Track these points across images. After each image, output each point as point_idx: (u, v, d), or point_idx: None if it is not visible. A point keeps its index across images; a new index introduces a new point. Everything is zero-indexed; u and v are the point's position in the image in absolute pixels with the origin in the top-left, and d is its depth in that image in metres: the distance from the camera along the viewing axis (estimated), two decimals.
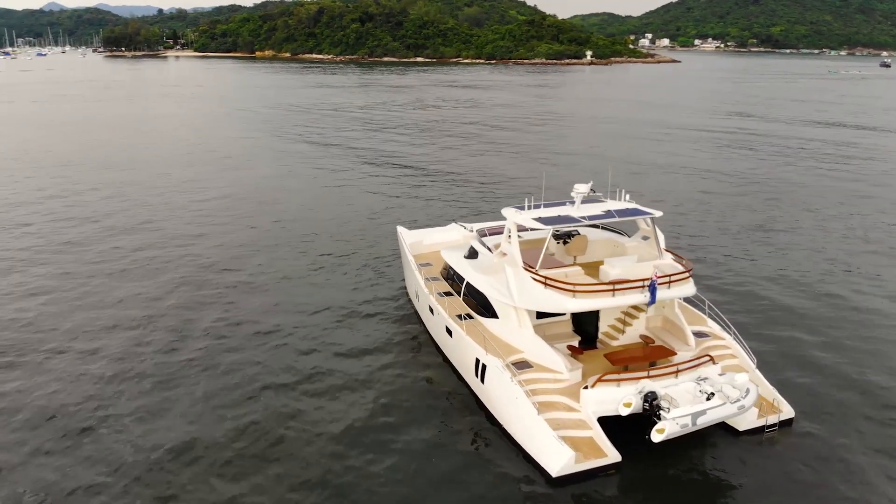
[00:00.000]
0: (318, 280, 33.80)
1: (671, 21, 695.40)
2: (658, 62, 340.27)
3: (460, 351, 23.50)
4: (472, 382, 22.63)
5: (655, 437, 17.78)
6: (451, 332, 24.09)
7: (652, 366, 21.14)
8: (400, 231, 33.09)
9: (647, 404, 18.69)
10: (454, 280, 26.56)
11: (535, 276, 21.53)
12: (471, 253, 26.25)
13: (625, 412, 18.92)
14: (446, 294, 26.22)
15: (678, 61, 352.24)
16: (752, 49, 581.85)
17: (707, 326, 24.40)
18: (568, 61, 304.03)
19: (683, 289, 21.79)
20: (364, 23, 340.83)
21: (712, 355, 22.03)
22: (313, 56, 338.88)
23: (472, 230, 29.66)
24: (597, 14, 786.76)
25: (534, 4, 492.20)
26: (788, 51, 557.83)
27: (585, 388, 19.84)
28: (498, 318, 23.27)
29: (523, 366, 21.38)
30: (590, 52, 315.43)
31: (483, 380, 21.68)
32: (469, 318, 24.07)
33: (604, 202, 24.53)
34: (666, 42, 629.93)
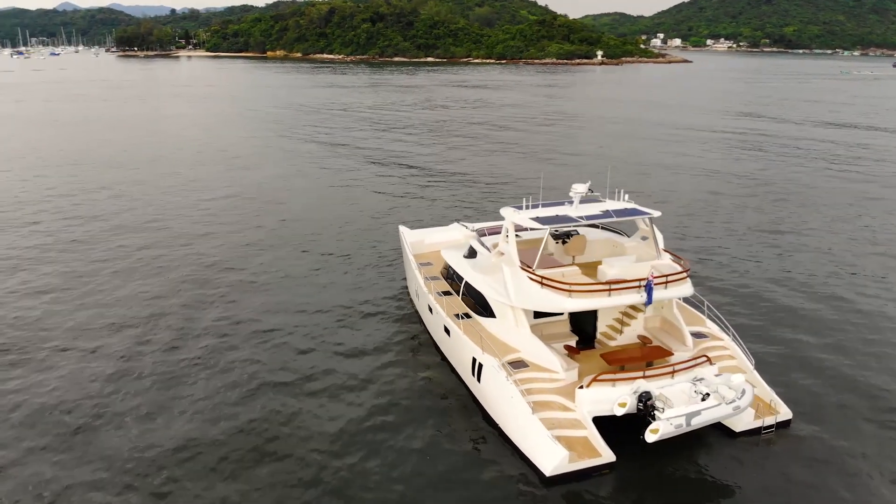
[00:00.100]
0: (320, 279, 33.93)
1: (683, 21, 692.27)
2: (669, 62, 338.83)
3: (458, 350, 23.55)
4: (469, 382, 22.67)
5: (649, 438, 17.78)
6: (448, 332, 24.14)
7: (649, 366, 21.12)
8: (401, 230, 33.17)
9: (642, 404, 18.69)
10: (453, 279, 26.62)
11: (532, 276, 21.55)
12: (470, 252, 26.31)
13: (620, 412, 18.91)
14: (445, 293, 26.29)
15: (689, 61, 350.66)
16: (765, 49, 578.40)
17: (706, 327, 24.33)
18: (578, 61, 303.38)
19: (681, 289, 21.72)
20: (375, 23, 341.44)
21: (710, 356, 22.00)
22: (324, 56, 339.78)
23: (473, 230, 29.70)
24: (608, 14, 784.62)
25: (545, 4, 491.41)
26: (801, 51, 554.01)
27: (581, 387, 19.84)
28: (495, 317, 23.31)
29: (519, 365, 21.41)
30: (600, 52, 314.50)
31: (479, 379, 21.72)
32: (467, 318, 24.12)
33: (602, 202, 24.50)
34: (678, 42, 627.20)
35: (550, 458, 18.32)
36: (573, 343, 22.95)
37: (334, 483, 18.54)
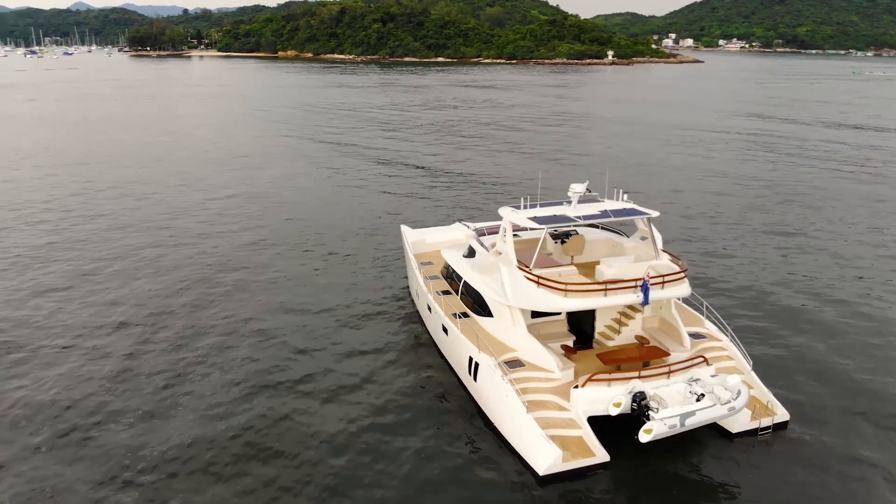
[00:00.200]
0: (322, 279, 34.05)
1: (695, 21, 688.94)
2: (680, 62, 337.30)
3: (455, 349, 23.61)
4: (466, 381, 22.73)
5: (643, 438, 17.77)
6: (446, 331, 24.21)
7: (645, 366, 21.10)
8: (403, 229, 33.26)
9: (636, 404, 18.67)
10: (453, 279, 26.67)
11: (529, 275, 21.57)
12: (469, 252, 26.37)
13: (614, 412, 18.90)
14: (445, 293, 26.35)
15: (701, 61, 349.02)
16: (778, 49, 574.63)
17: (704, 328, 24.27)
18: (589, 61, 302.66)
19: (678, 289, 21.68)
20: (386, 23, 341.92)
21: (708, 357, 21.97)
22: (335, 56, 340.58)
23: (473, 229, 29.72)
24: (620, 14, 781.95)
25: (556, 4, 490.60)
26: (814, 51, 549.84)
27: (576, 387, 19.85)
28: (493, 316, 23.35)
29: (516, 364, 21.43)
30: (611, 52, 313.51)
31: (476, 378, 21.77)
32: (465, 317, 24.17)
33: (601, 202, 24.48)
34: (689, 42, 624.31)
35: (544, 458, 18.35)
36: (570, 343, 22.94)
37: (331, 483, 18.59)
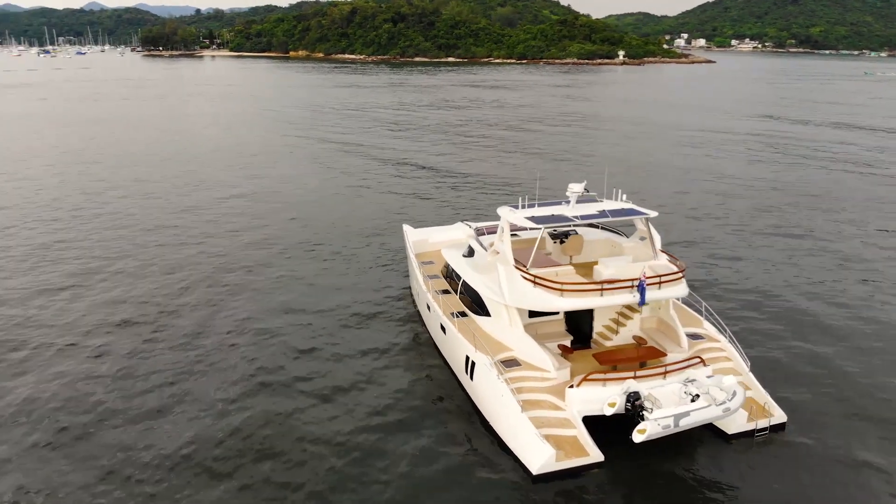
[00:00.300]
0: (325, 279, 34.09)
1: (707, 21, 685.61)
2: (692, 63, 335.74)
3: (453, 348, 23.67)
4: (464, 380, 22.77)
5: (637, 438, 17.74)
6: (445, 330, 24.26)
7: (642, 366, 21.07)
8: (405, 229, 33.34)
9: (630, 404, 18.65)
10: (452, 278, 26.73)
11: (525, 275, 21.59)
12: (469, 251, 26.43)
13: (609, 412, 18.90)
14: (444, 292, 26.40)
15: (713, 62, 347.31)
16: (791, 50, 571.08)
17: (703, 329, 24.22)
18: (600, 61, 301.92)
19: (675, 290, 21.63)
20: (396, 23, 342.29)
21: (706, 357, 21.95)
22: (346, 56, 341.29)
23: (473, 229, 29.76)
24: (632, 14, 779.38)
25: (567, 4, 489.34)
26: (828, 52, 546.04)
27: (571, 387, 19.85)
28: (490, 316, 23.37)
29: (512, 364, 21.46)
30: (622, 52, 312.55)
31: (472, 377, 21.81)
32: (463, 316, 24.21)
33: (599, 202, 24.46)
34: (702, 42, 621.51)
35: (537, 457, 18.37)
36: (568, 343, 22.95)
37: (328, 483, 18.63)
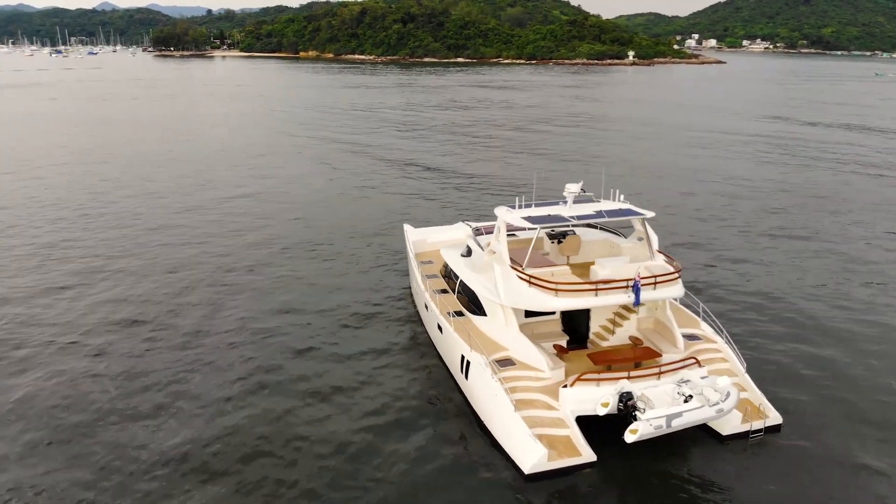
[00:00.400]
0: (327, 279, 34.13)
1: (719, 21, 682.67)
2: (702, 63, 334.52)
3: (449, 348, 23.75)
4: (459, 379, 22.85)
5: (628, 438, 17.75)
6: (441, 329, 24.33)
7: (637, 367, 21.07)
8: (406, 228, 33.44)
9: (622, 405, 18.66)
10: (450, 278, 26.79)
11: (521, 275, 21.63)
12: (467, 251, 26.49)
13: (602, 412, 18.91)
14: (443, 292, 26.47)
15: (723, 62, 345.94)
16: (802, 51, 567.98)
17: (700, 329, 24.18)
18: (609, 61, 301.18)
19: (670, 290, 21.60)
20: (406, 23, 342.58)
21: (702, 358, 21.94)
22: (355, 56, 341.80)
23: (471, 228, 29.81)
24: (642, 14, 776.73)
25: (578, 4, 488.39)
26: (840, 52, 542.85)
27: (565, 386, 19.88)
28: (486, 315, 23.42)
29: (507, 363, 21.50)
30: (632, 53, 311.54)
31: (467, 376, 21.87)
32: (460, 316, 24.26)
33: (596, 202, 24.47)
34: (713, 43, 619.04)
35: (529, 456, 18.41)
36: (564, 342, 22.96)
37: (322, 482, 18.70)
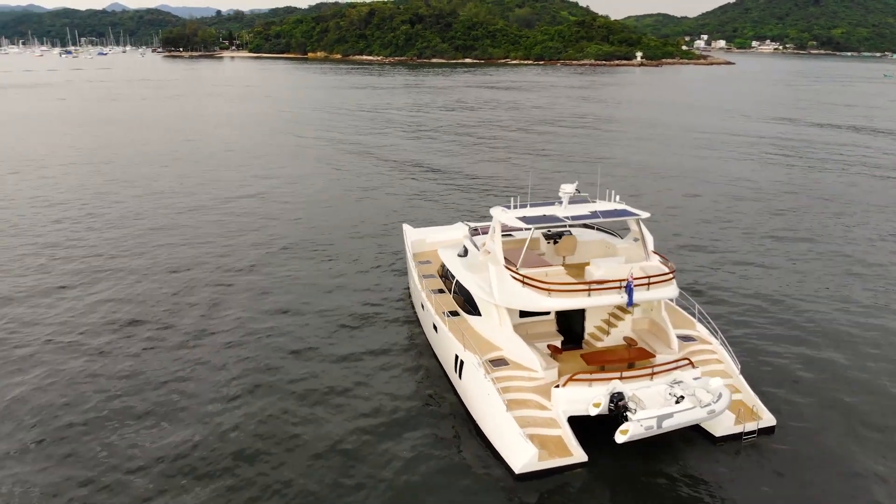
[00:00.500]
0: (327, 281, 34.08)
1: (728, 22, 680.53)
2: (710, 64, 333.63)
3: (443, 347, 23.81)
4: (453, 378, 22.89)
5: (619, 438, 17.74)
6: (437, 329, 24.39)
7: (630, 367, 21.06)
8: (405, 228, 33.51)
9: (613, 405, 18.64)
10: (447, 278, 26.84)
11: (514, 275, 21.66)
12: (463, 251, 26.54)
13: (594, 412, 18.90)
14: (440, 291, 26.52)
15: (732, 63, 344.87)
16: (812, 51, 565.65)
17: (695, 331, 24.14)
18: (617, 62, 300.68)
19: (664, 291, 21.58)
20: (414, 24, 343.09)
21: (697, 359, 21.90)
22: (363, 57, 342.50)
23: (468, 228, 29.82)
24: (651, 15, 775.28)
25: (586, 5, 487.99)
26: (849, 54, 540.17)
27: (557, 386, 19.89)
28: (481, 315, 23.46)
29: (500, 363, 21.54)
30: (640, 54, 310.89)
31: (461, 376, 21.92)
32: (455, 315, 24.31)
33: (592, 203, 24.47)
34: (722, 44, 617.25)
35: (520, 456, 18.43)
36: (558, 343, 22.97)
37: (317, 482, 18.70)
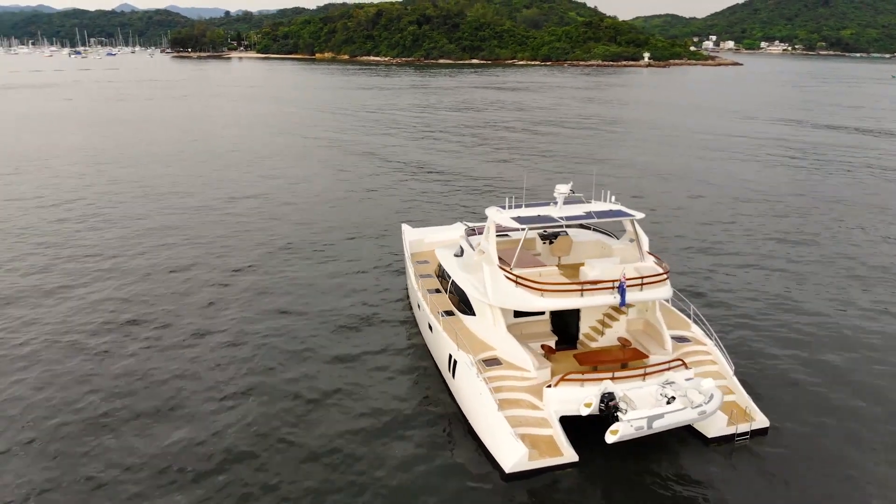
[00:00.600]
0: (327, 281, 34.11)
1: (736, 23, 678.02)
2: (718, 65, 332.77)
3: (438, 347, 23.89)
4: (447, 377, 22.95)
5: (609, 438, 17.77)
6: (432, 329, 24.47)
7: (623, 367, 21.07)
8: (404, 228, 33.59)
9: (604, 405, 18.66)
10: (444, 278, 26.90)
11: (508, 275, 21.70)
12: (459, 251, 26.60)
13: (585, 412, 18.92)
14: (436, 291, 26.58)
15: (740, 64, 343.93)
16: (821, 52, 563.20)
17: (690, 332, 24.11)
18: (625, 63, 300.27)
19: (657, 291, 21.57)
20: (421, 25, 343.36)
21: (690, 360, 21.89)
22: (371, 58, 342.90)
23: (465, 229, 29.87)
24: (659, 15, 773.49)
25: (594, 6, 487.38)
26: (859, 54, 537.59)
27: (549, 386, 19.91)
28: (476, 315, 23.51)
29: (493, 363, 21.58)
30: (647, 54, 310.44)
31: (454, 375, 21.97)
32: (450, 315, 24.37)
33: (586, 203, 24.49)
34: (731, 44, 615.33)
35: (510, 456, 18.47)
36: (552, 343, 22.99)
37: (313, 482, 18.78)
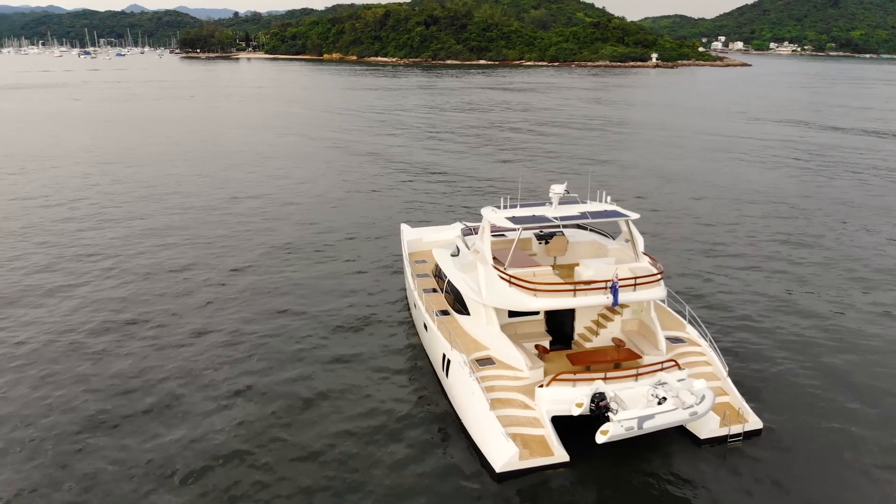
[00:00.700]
0: (327, 281, 34.23)
1: (746, 24, 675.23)
2: (727, 66, 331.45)
3: (432, 346, 23.95)
4: (441, 376, 23.00)
5: (599, 439, 17.78)
6: (427, 328, 24.52)
7: (617, 368, 21.07)
8: (402, 228, 33.66)
9: (595, 405, 18.67)
10: (440, 277, 26.95)
11: (502, 274, 21.73)
12: (456, 251, 26.64)
13: (576, 412, 18.95)
14: (433, 291, 26.64)
15: (749, 65, 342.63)
16: (831, 53, 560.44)
17: (685, 332, 24.09)
18: (632, 64, 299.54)
19: (651, 292, 21.57)
20: (429, 26, 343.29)
21: (684, 361, 21.89)
22: (378, 59, 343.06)
23: (461, 228, 29.90)
24: (668, 16, 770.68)
25: (602, 6, 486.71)
26: (868, 55, 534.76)
27: (541, 386, 19.93)
28: (470, 314, 23.55)
29: (487, 362, 21.62)
30: (655, 55, 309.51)
31: (448, 374, 22.02)
32: (445, 315, 24.42)
33: (581, 203, 24.50)
34: (740, 45, 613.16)
35: (501, 455, 18.52)
36: (547, 343, 23.00)
37: (309, 481, 18.86)
